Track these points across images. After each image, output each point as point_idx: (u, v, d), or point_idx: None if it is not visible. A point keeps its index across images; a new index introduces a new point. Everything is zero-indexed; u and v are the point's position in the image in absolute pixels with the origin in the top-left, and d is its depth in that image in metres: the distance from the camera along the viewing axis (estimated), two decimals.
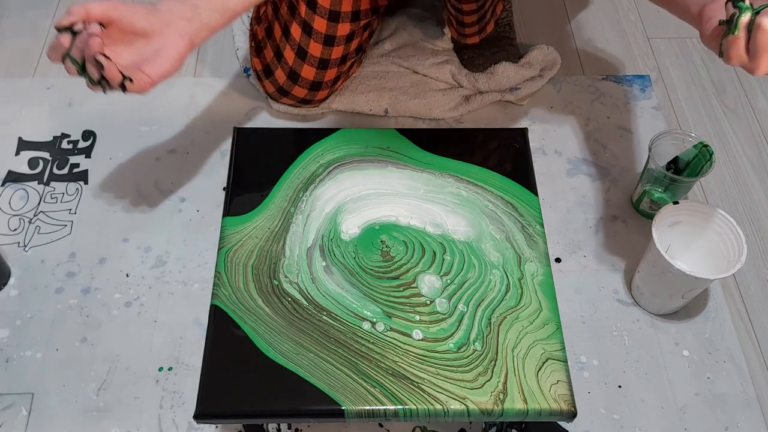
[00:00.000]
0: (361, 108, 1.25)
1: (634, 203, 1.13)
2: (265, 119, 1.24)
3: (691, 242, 1.00)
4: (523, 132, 0.99)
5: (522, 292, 0.85)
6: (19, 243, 1.07)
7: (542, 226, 0.91)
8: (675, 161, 1.09)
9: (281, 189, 0.93)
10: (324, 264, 0.86)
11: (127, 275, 1.05)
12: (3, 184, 1.14)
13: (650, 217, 1.11)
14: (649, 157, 1.05)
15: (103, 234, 1.09)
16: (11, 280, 1.03)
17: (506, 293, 0.85)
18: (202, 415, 0.77)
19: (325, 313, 0.82)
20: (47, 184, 1.14)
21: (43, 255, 1.07)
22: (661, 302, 0.99)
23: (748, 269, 1.08)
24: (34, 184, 1.14)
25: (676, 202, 0.98)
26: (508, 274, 0.86)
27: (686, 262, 1.00)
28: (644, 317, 1.02)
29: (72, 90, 1.28)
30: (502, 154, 0.97)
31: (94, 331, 1.00)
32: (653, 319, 1.02)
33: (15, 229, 1.09)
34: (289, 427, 0.94)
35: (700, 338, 1.01)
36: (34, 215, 1.10)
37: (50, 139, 1.21)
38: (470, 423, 0.95)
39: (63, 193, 1.13)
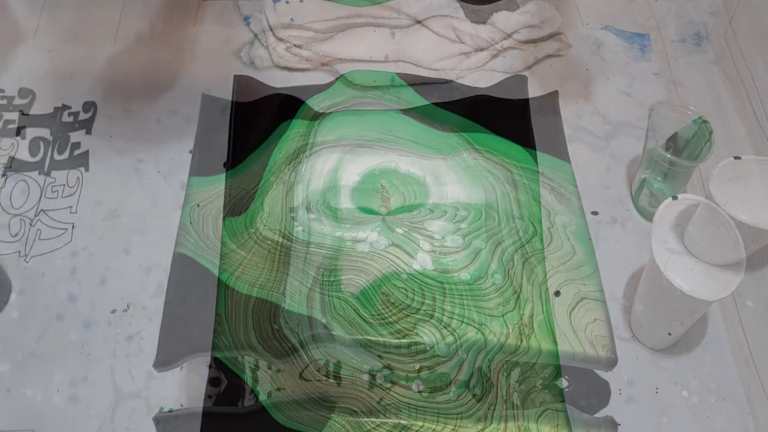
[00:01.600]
0: (360, 56, 1.28)
1: (633, 195, 1.10)
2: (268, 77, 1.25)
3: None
4: (553, 95, 0.92)
5: (552, 238, 0.81)
6: (20, 252, 1.06)
7: (575, 186, 0.86)
8: (674, 139, 1.06)
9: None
10: (324, 320, 0.84)
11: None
12: (3, 174, 1.13)
13: (650, 217, 1.08)
14: (648, 129, 1.02)
15: (104, 234, 1.09)
16: (12, 296, 1.02)
17: (532, 237, 0.81)
18: None
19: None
20: (48, 174, 1.14)
21: (43, 267, 1.05)
22: (661, 331, 0.96)
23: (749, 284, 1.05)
24: (35, 174, 1.13)
25: (675, 197, 0.94)
26: (534, 223, 0.82)
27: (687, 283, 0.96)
28: (643, 354, 0.98)
29: (73, 60, 1.27)
30: (529, 123, 0.94)
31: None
32: (653, 355, 0.99)
33: (16, 234, 1.08)
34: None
35: (699, 373, 0.97)
36: (35, 215, 1.10)
37: (51, 110, 1.20)
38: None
39: (64, 185, 1.12)
